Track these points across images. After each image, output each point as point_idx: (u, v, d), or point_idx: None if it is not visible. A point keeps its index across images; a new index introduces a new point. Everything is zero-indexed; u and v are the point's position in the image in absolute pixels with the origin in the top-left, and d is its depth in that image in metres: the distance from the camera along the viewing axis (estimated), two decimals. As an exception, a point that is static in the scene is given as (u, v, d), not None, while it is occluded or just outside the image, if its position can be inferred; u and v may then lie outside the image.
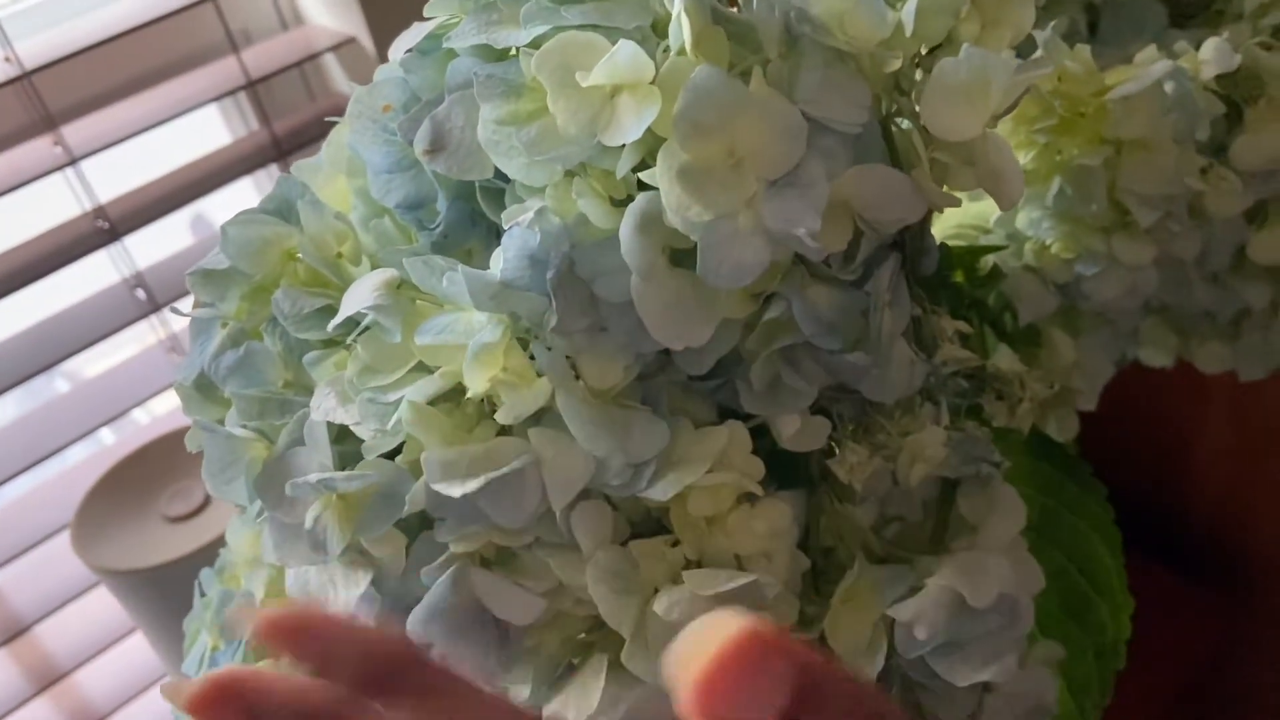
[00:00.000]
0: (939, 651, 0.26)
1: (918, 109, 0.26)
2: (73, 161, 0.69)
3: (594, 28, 0.26)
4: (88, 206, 0.73)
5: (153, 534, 0.55)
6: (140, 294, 0.74)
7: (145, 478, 0.57)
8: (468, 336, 0.25)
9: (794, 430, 0.27)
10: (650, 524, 0.28)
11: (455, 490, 0.24)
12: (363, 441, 0.26)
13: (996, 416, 0.32)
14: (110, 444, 0.83)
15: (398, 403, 0.26)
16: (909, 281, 0.30)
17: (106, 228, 0.73)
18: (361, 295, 0.27)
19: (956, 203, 0.26)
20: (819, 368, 0.27)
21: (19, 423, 0.76)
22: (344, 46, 0.76)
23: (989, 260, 0.36)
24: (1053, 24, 0.32)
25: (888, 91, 0.27)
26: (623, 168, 0.25)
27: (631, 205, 0.25)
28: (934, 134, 0.26)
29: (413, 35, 0.29)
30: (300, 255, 0.29)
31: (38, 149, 0.69)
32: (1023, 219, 0.35)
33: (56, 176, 0.71)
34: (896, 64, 0.27)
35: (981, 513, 0.29)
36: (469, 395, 0.26)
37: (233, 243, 0.29)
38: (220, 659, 0.37)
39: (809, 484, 0.30)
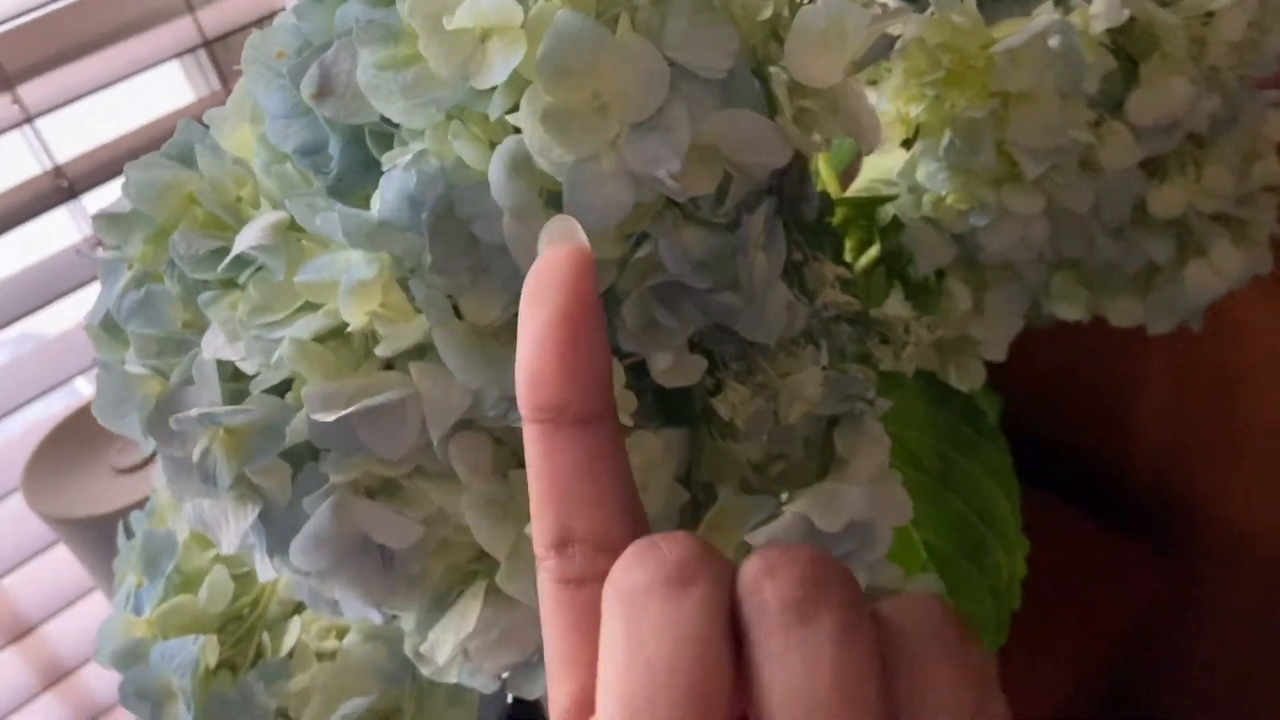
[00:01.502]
0: (792, 575, 0.27)
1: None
2: (29, 119, 0.70)
3: (469, -26, 0.26)
4: (47, 166, 0.73)
5: (102, 485, 0.56)
6: (101, 252, 0.75)
7: (94, 431, 0.58)
8: (344, 274, 0.26)
9: (666, 366, 0.28)
10: (533, 458, 0.29)
11: (329, 416, 0.25)
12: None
13: (883, 360, 0.33)
14: (73, 401, 0.84)
15: (282, 339, 0.27)
16: (789, 227, 0.31)
17: (66, 186, 0.74)
18: (249, 236, 0.28)
19: (821, 147, 0.27)
20: (694, 307, 0.28)
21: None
22: (301, 7, 0.77)
23: (888, 210, 0.37)
24: (943, -23, 0.33)
25: (763, 39, 0.28)
26: (494, 110, 0.26)
27: (500, 147, 0.26)
28: (798, 80, 0.27)
29: (307, -16, 0.30)
30: (199, 199, 0.30)
31: (-6, 108, 0.69)
32: (921, 171, 0.36)
33: (15, 136, 0.72)
34: (769, 11, 0.28)
35: (851, 447, 0.30)
36: (350, 331, 0.27)
37: (134, 186, 0.30)
38: (144, 595, 0.38)
39: (693, 421, 0.31)
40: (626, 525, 0.21)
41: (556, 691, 0.21)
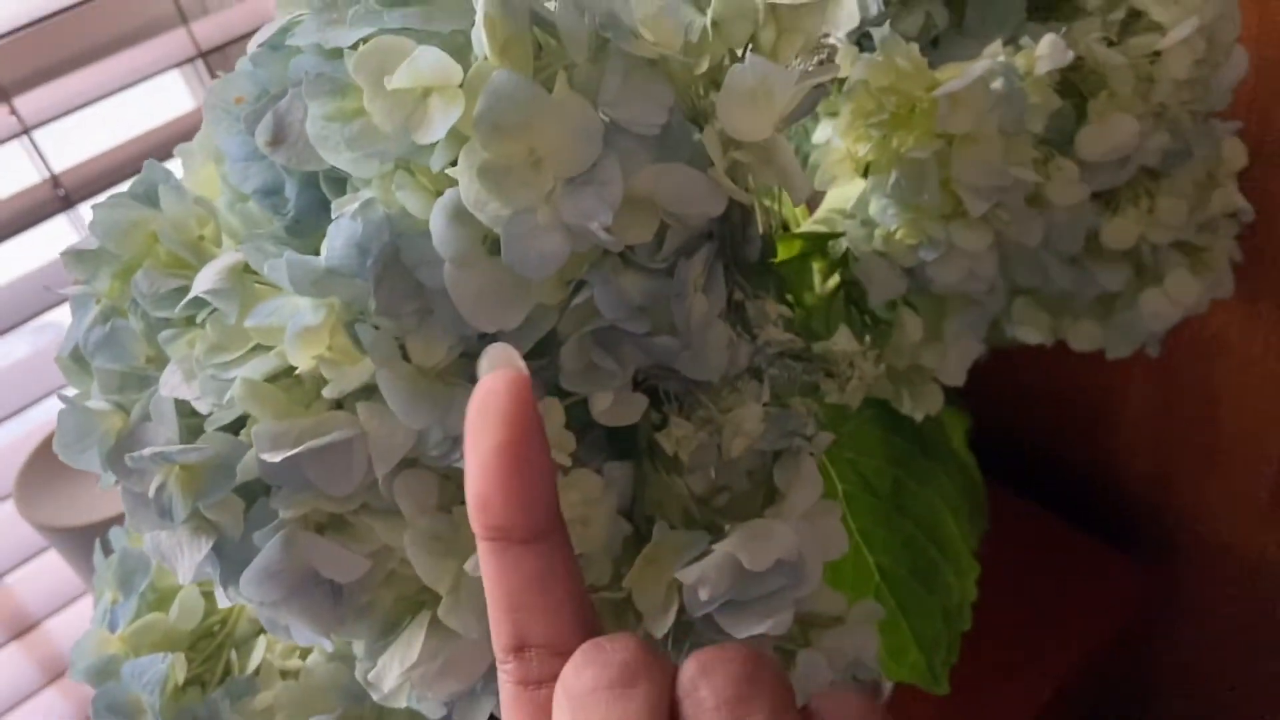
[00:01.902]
0: (723, 609, 0.28)
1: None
2: (26, 130, 0.71)
3: (414, 31, 0.27)
4: (45, 175, 0.75)
5: (90, 494, 0.58)
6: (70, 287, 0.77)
7: (87, 439, 0.60)
8: (290, 319, 0.27)
9: (605, 406, 0.29)
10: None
11: (276, 457, 0.26)
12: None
13: (829, 393, 0.34)
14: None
15: (235, 379, 0.28)
16: (731, 268, 0.32)
17: (63, 195, 0.75)
18: (205, 279, 0.29)
19: (749, 197, 0.28)
20: (634, 349, 0.29)
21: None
22: (295, 18, 0.78)
23: (841, 244, 0.38)
24: (888, 23, 0.34)
25: (698, 94, 0.29)
26: (436, 164, 0.27)
27: (440, 199, 0.27)
28: (730, 135, 0.28)
29: (266, 31, 0.31)
30: (161, 238, 0.31)
31: (-9, 118, 0.71)
32: (873, 207, 0.37)
33: (14, 146, 0.73)
34: (705, 65, 0.29)
35: (788, 482, 0.31)
36: (297, 373, 0.28)
37: (100, 225, 0.31)
38: (118, 612, 0.39)
39: (638, 456, 0.32)
40: (578, 629, 0.23)
41: None
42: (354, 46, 0.28)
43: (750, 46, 0.28)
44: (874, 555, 0.40)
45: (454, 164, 0.27)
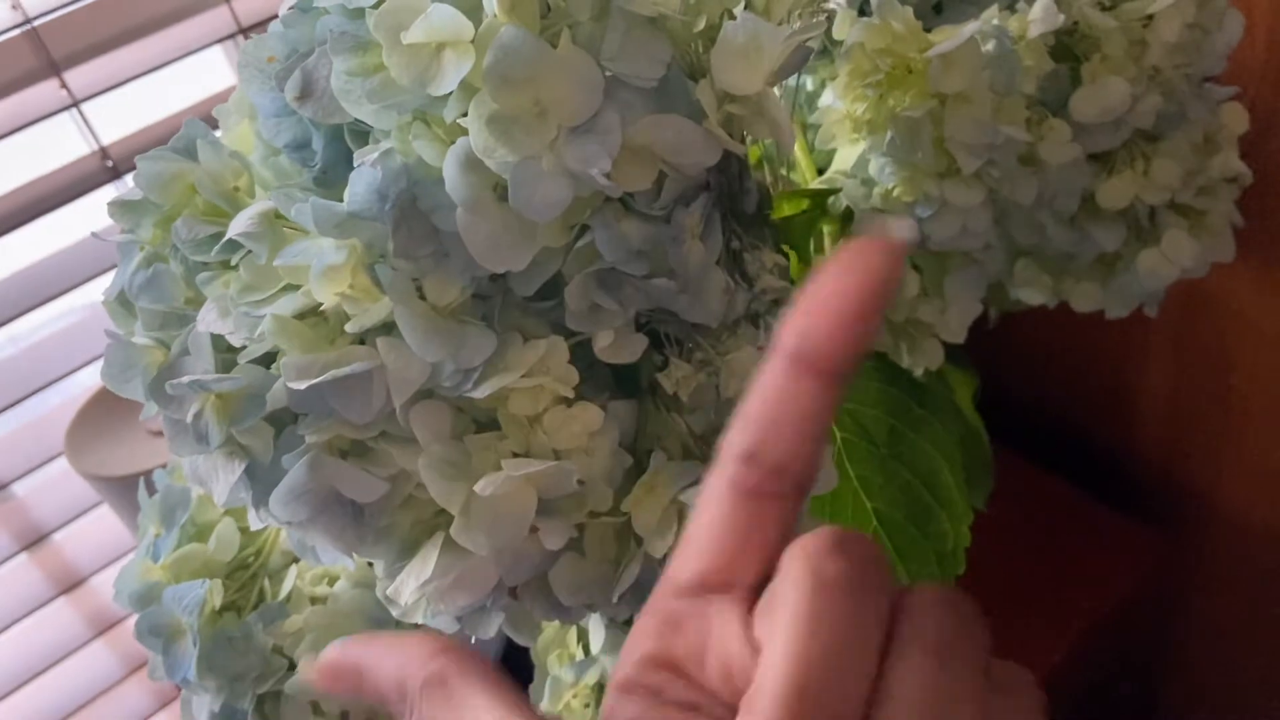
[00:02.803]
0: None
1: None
2: (76, 104, 0.74)
3: (430, -9, 0.30)
4: (94, 147, 0.78)
5: (137, 446, 0.61)
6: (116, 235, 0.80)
7: (133, 396, 0.63)
8: (316, 259, 0.29)
9: (606, 344, 0.31)
10: (492, 423, 0.32)
11: (302, 385, 0.29)
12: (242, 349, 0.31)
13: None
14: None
15: (266, 316, 0.30)
16: (729, 218, 0.34)
17: (110, 166, 0.78)
18: (239, 223, 0.31)
19: (741, 148, 0.30)
20: (633, 291, 0.31)
21: (37, 346, 0.82)
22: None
23: (840, 200, 0.40)
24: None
25: (697, 50, 0.31)
26: (449, 114, 0.29)
27: (452, 148, 0.29)
28: (723, 88, 0.30)
29: (296, -5, 0.33)
30: (199, 189, 0.34)
31: (43, 92, 0.74)
32: (873, 165, 0.39)
33: (64, 119, 0.76)
34: (703, 23, 0.31)
35: (779, 421, 0.33)
36: (322, 310, 0.30)
37: (144, 177, 0.34)
38: (161, 544, 0.42)
39: (641, 394, 0.34)
40: (808, 465, 0.22)
41: (685, 564, 0.22)
42: (376, 5, 0.30)
43: (745, 4, 0.30)
44: (871, 501, 0.41)
45: (465, 115, 0.29)
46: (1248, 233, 0.51)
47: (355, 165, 0.30)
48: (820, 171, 0.46)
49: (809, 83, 0.45)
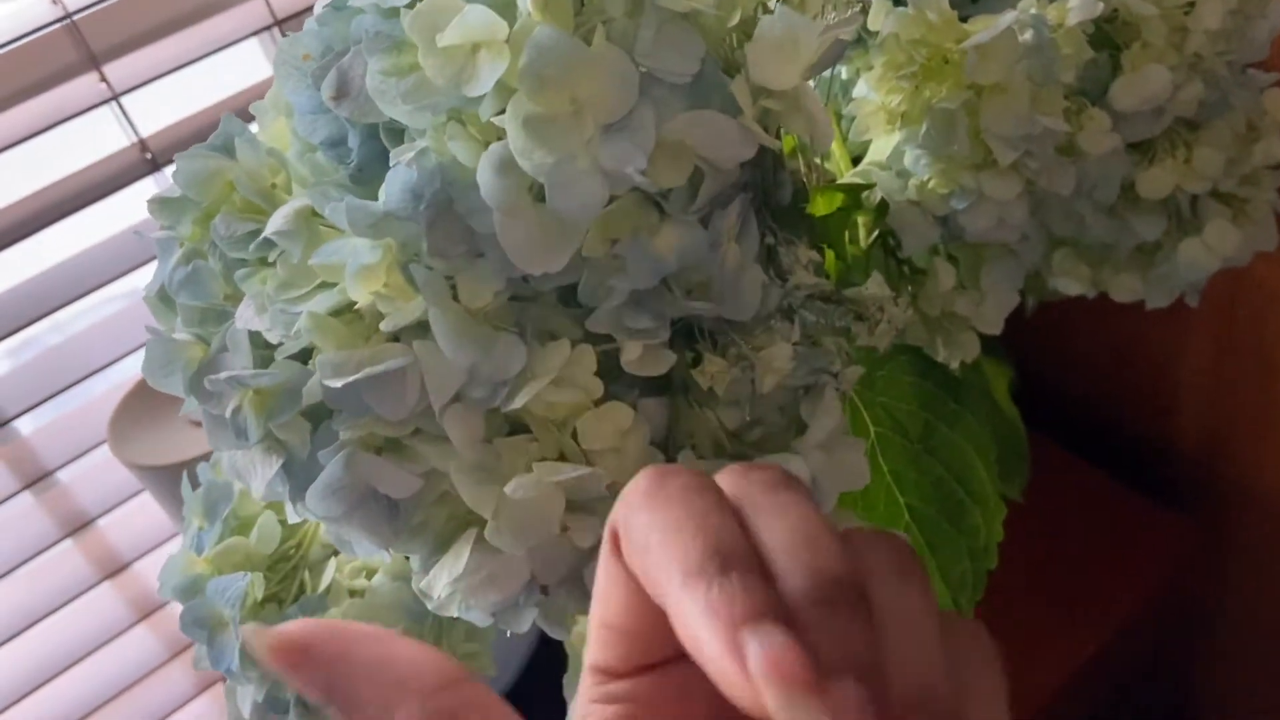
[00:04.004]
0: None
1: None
2: (115, 97, 0.75)
3: (464, -10, 0.30)
4: (133, 139, 0.79)
5: (177, 436, 0.62)
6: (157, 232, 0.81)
7: (173, 386, 0.64)
8: (350, 257, 0.30)
9: (634, 356, 0.31)
10: (525, 425, 0.32)
11: (338, 382, 0.29)
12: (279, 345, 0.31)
13: (860, 336, 0.36)
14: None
15: (302, 313, 0.31)
16: (764, 213, 0.33)
17: (149, 159, 0.79)
18: (274, 222, 0.31)
19: (777, 143, 0.30)
20: (670, 306, 0.31)
21: (80, 335, 0.83)
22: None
23: (876, 193, 0.40)
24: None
25: (732, 45, 0.31)
26: (484, 114, 0.29)
27: (487, 152, 0.29)
28: (759, 83, 0.29)
29: (332, -7, 0.34)
30: (237, 186, 0.34)
31: (84, 85, 0.75)
32: (908, 157, 0.39)
33: (105, 112, 0.77)
34: (737, 18, 0.30)
35: (812, 414, 0.33)
36: (357, 308, 0.30)
37: (183, 174, 0.34)
38: (204, 537, 0.43)
39: (672, 391, 0.34)
40: None
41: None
42: (410, 5, 0.30)
43: None
44: (904, 496, 0.41)
45: (501, 113, 0.29)
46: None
47: (391, 165, 0.30)
48: (856, 160, 0.45)
49: (844, 72, 0.45)
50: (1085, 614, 0.72)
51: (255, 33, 0.77)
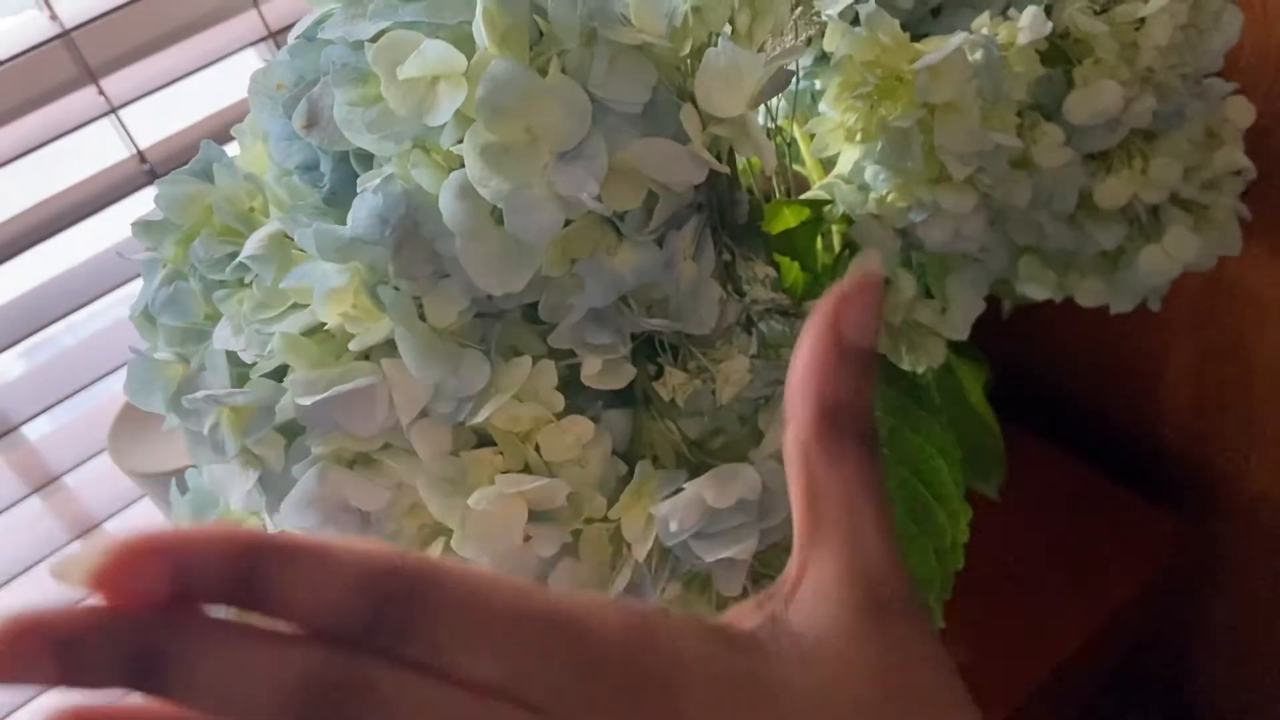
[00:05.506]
0: (693, 538, 0.31)
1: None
2: (114, 110, 0.77)
3: (425, 24, 0.31)
4: (132, 151, 0.80)
5: (175, 444, 0.63)
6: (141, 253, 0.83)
7: (171, 394, 0.65)
8: (319, 281, 0.31)
9: (594, 371, 0.32)
10: (491, 438, 0.34)
11: (309, 400, 0.30)
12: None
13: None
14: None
15: (275, 334, 0.32)
16: (720, 232, 0.35)
17: (148, 170, 0.81)
18: (248, 246, 0.33)
19: (724, 168, 0.31)
20: (629, 322, 0.33)
21: (79, 346, 0.85)
22: None
23: (837, 207, 0.41)
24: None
25: (685, 73, 0.32)
26: (445, 142, 0.31)
27: (449, 177, 0.30)
28: (708, 111, 0.31)
29: (303, 24, 0.35)
30: (215, 210, 0.35)
31: (82, 99, 0.76)
32: (868, 172, 0.40)
33: (104, 124, 0.79)
34: (688, 49, 0.32)
35: (768, 424, 0.34)
36: (328, 329, 0.32)
37: (164, 199, 0.36)
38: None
39: (635, 403, 0.35)
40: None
41: None
42: (374, 39, 0.31)
43: (731, 30, 0.31)
44: (872, 498, 0.42)
45: (460, 141, 0.31)
46: (1273, 218, 0.51)
47: (358, 191, 0.32)
48: (832, 165, 0.47)
49: (817, 83, 0.46)
50: (1073, 608, 0.73)
51: (251, 44, 0.79)
